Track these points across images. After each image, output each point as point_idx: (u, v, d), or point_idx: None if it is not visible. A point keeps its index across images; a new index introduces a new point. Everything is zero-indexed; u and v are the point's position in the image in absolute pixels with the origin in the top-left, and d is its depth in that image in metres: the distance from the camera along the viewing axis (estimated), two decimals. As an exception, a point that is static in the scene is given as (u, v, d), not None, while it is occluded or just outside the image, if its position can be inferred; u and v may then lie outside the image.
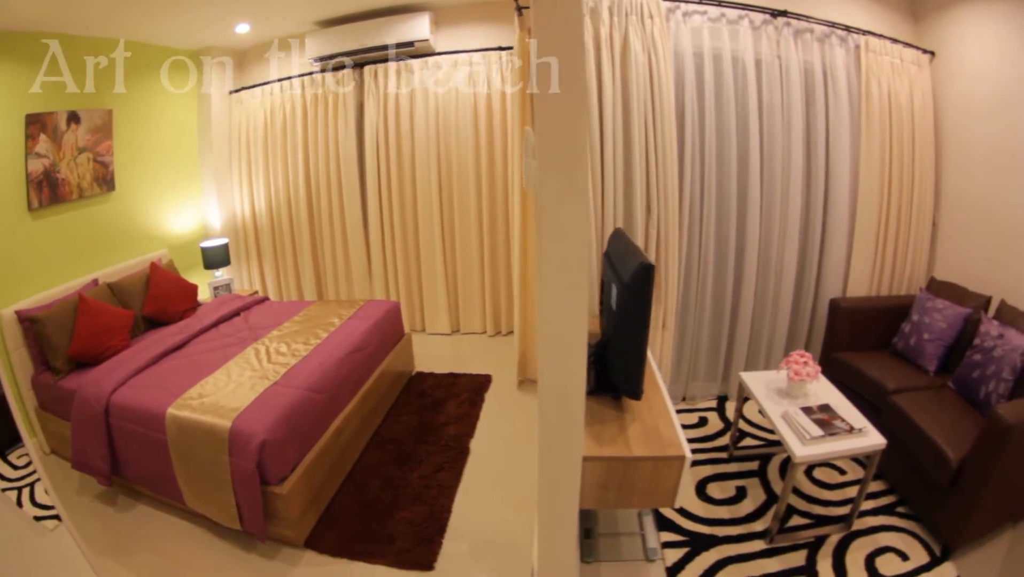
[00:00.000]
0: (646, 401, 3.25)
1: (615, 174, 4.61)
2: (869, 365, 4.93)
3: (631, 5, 4.49)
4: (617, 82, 4.54)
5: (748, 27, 4.97)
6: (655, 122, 4.61)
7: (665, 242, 4.81)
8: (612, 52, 4.49)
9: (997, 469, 3.61)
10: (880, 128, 5.43)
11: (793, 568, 3.69)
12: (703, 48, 4.92)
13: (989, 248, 5.35)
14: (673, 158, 4.69)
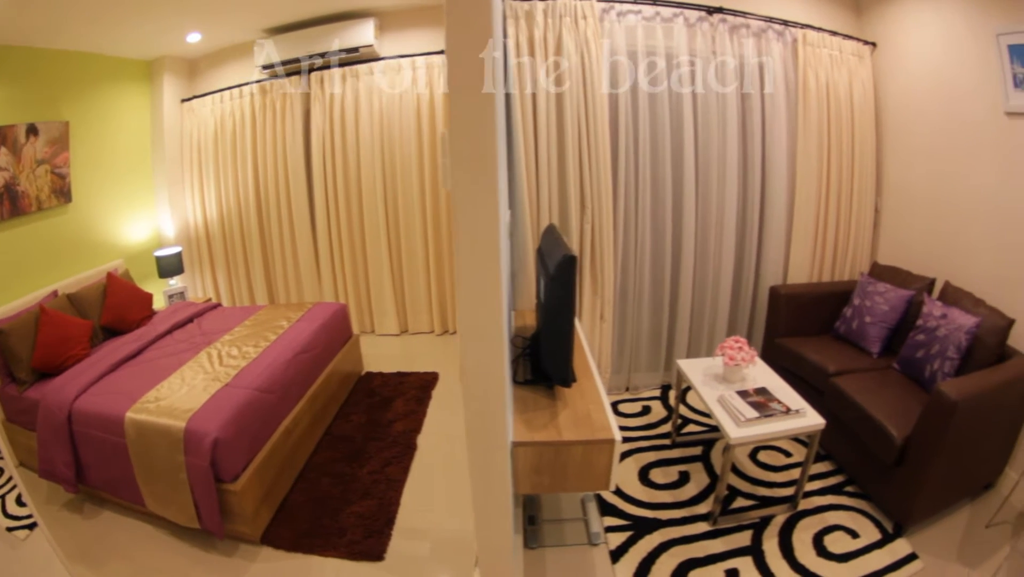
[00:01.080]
0: (579, 389, 3.39)
1: (550, 172, 4.78)
2: (810, 349, 5.11)
3: (565, 7, 4.64)
4: (551, 83, 4.70)
5: (683, 24, 5.14)
6: (588, 120, 4.78)
7: (600, 236, 4.98)
8: (546, 53, 4.66)
9: (943, 445, 3.76)
10: (818, 119, 5.64)
11: (738, 548, 3.84)
12: (637, 46, 5.07)
13: (932, 232, 5.56)
14: (606, 154, 4.86)
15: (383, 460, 4.62)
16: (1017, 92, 4.56)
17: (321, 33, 6.41)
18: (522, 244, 4.77)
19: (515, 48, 4.55)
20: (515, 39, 4.55)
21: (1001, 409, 4.28)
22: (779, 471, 4.69)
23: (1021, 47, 4.44)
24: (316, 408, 4.86)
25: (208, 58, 7.13)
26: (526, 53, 4.61)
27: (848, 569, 3.76)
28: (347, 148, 6.82)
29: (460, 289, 2.27)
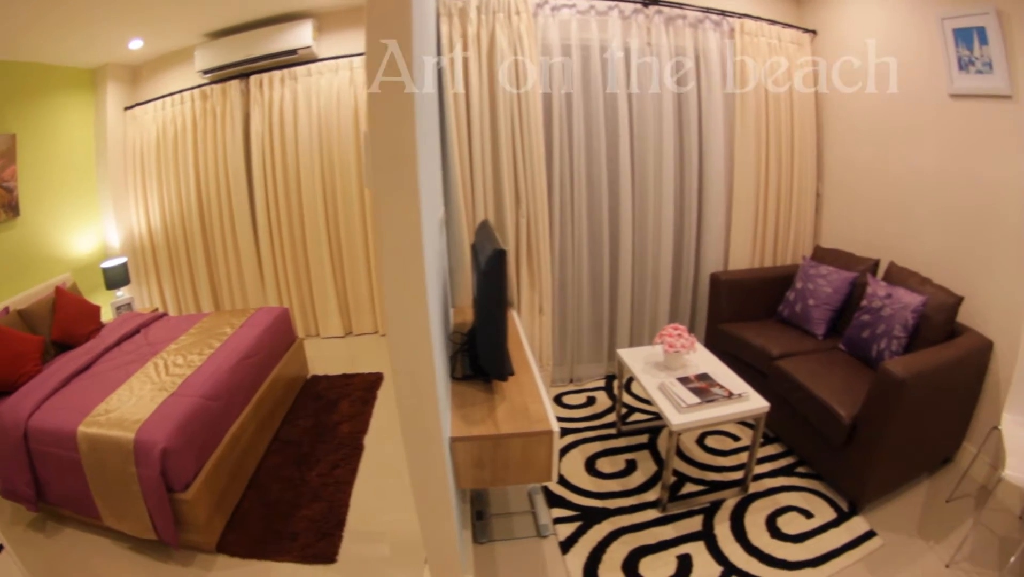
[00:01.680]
0: (517, 382, 3.43)
1: (484, 167, 4.83)
2: (754, 334, 5.22)
3: (499, 3, 4.72)
4: (484, 78, 4.79)
5: (618, 17, 5.22)
6: (521, 115, 4.84)
7: (536, 230, 5.06)
8: (480, 50, 4.73)
9: (892, 423, 3.86)
10: (755, 107, 5.76)
11: (690, 533, 3.91)
12: (571, 40, 5.16)
13: (876, 214, 5.70)
14: (540, 148, 4.93)
15: (331, 463, 4.64)
16: (961, 75, 4.69)
17: (260, 36, 6.42)
18: (458, 240, 4.81)
19: (448, 45, 4.58)
20: (448, 36, 4.58)
21: (955, 384, 4.38)
22: (727, 455, 4.77)
23: (966, 30, 4.54)
24: (262, 414, 4.87)
25: (150, 64, 7.09)
26: (459, 50, 4.63)
27: (804, 549, 3.83)
28: (286, 151, 6.82)
29: (385, 289, 2.33)
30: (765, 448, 4.91)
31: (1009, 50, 4.33)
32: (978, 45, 4.50)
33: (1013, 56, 4.32)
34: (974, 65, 4.58)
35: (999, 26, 4.31)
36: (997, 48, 4.37)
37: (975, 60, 4.56)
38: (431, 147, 3.76)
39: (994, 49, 4.39)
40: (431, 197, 3.21)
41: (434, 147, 4.04)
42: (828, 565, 3.74)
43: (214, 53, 6.53)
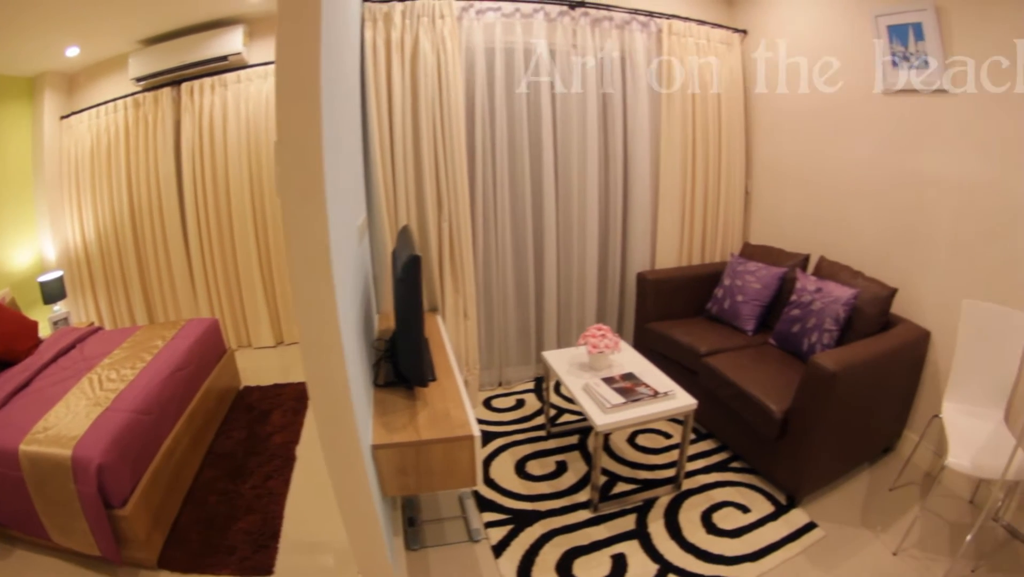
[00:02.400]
0: (439, 388, 3.49)
1: (406, 173, 4.84)
2: (682, 332, 5.31)
3: (423, 7, 4.70)
4: (407, 83, 4.78)
5: (543, 19, 5.26)
6: (443, 119, 4.86)
7: (458, 235, 5.08)
8: (403, 54, 4.73)
9: (824, 416, 3.95)
10: (682, 107, 5.85)
11: (623, 533, 3.96)
12: (495, 43, 5.23)
13: (807, 209, 5.86)
14: (462, 152, 4.94)
15: (264, 474, 4.66)
16: (895, 71, 4.81)
17: (191, 43, 6.40)
18: (382, 246, 4.83)
19: (371, 51, 4.59)
20: (372, 42, 4.59)
21: (891, 375, 4.50)
22: (659, 453, 4.86)
23: (901, 27, 4.65)
24: (196, 426, 4.87)
25: (88, 72, 7.01)
26: (383, 55, 4.64)
27: (742, 543, 3.90)
28: (216, 159, 6.80)
29: (295, 299, 2.38)
30: (698, 445, 5.00)
31: (946, 45, 4.44)
32: (913, 41, 4.60)
33: (950, 51, 4.43)
34: (909, 61, 4.68)
35: (937, 21, 4.42)
36: (934, 43, 4.48)
37: (910, 56, 4.66)
38: (351, 153, 3.78)
39: (930, 44, 4.50)
40: (347, 203, 3.23)
41: (354, 153, 4.07)
42: (768, 558, 3.80)
43: (147, 60, 6.50)
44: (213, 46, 6.39)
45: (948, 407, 4.23)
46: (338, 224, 2.57)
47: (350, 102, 3.93)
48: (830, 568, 3.81)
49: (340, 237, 2.65)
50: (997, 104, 4.22)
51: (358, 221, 3.73)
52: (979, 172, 4.40)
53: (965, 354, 4.29)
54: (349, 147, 3.68)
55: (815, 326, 4.69)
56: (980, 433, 3.99)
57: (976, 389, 4.23)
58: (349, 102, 3.85)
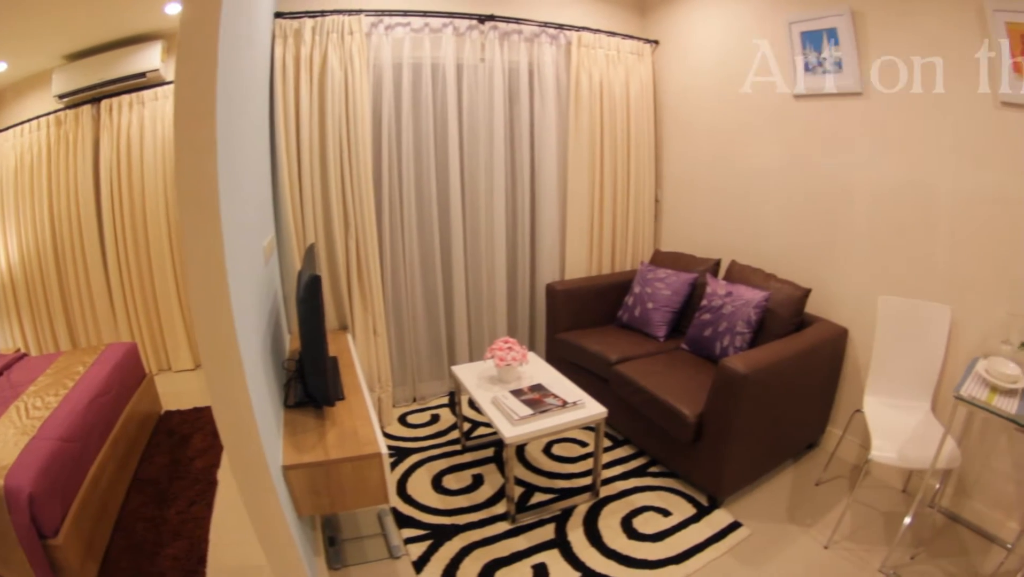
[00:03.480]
0: (347, 406, 3.57)
1: (313, 191, 4.86)
2: (592, 341, 5.39)
3: (333, 24, 4.73)
4: (315, 101, 4.82)
5: (452, 34, 5.32)
6: (350, 137, 4.90)
7: (365, 252, 5.12)
8: (312, 71, 4.77)
9: (738, 417, 4.05)
10: (589, 118, 5.96)
11: (543, 542, 4.03)
12: (403, 59, 5.29)
13: (717, 215, 6.02)
14: (368, 170, 5.00)
15: (188, 499, 4.66)
16: (807, 76, 4.97)
17: (112, 58, 6.36)
18: (291, 265, 4.84)
19: (281, 68, 4.60)
20: (282, 59, 4.61)
21: (809, 372, 4.63)
22: (575, 462, 4.95)
23: (813, 33, 4.81)
24: (120, 453, 4.86)
25: (14, 88, 6.93)
26: (292, 72, 4.67)
27: (665, 547, 3.99)
28: (132, 178, 6.76)
29: (196, 324, 2.38)
30: (615, 451, 5.12)
31: (861, 49, 4.59)
32: (828, 46, 4.74)
33: (865, 54, 4.58)
34: (822, 66, 4.83)
35: (852, 26, 4.57)
36: (848, 48, 4.62)
37: (823, 61, 4.80)
38: (257, 174, 3.82)
39: (845, 49, 4.65)
40: (250, 224, 3.26)
41: (262, 173, 4.11)
42: (693, 560, 3.89)
43: (69, 76, 6.45)
44: (132, 62, 6.36)
45: (870, 401, 4.37)
46: (237, 246, 2.62)
47: (257, 121, 3.96)
48: (759, 566, 3.90)
49: (240, 259, 2.69)
50: (909, 105, 4.40)
51: (264, 241, 3.76)
52: (891, 171, 4.57)
53: (884, 349, 4.43)
54: (255, 168, 3.70)
55: (727, 329, 4.82)
56: (906, 425, 4.11)
57: (900, 382, 4.37)
58: (256, 121, 3.89)
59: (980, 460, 4.27)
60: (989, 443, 4.21)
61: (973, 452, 4.28)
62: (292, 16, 4.66)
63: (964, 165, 4.17)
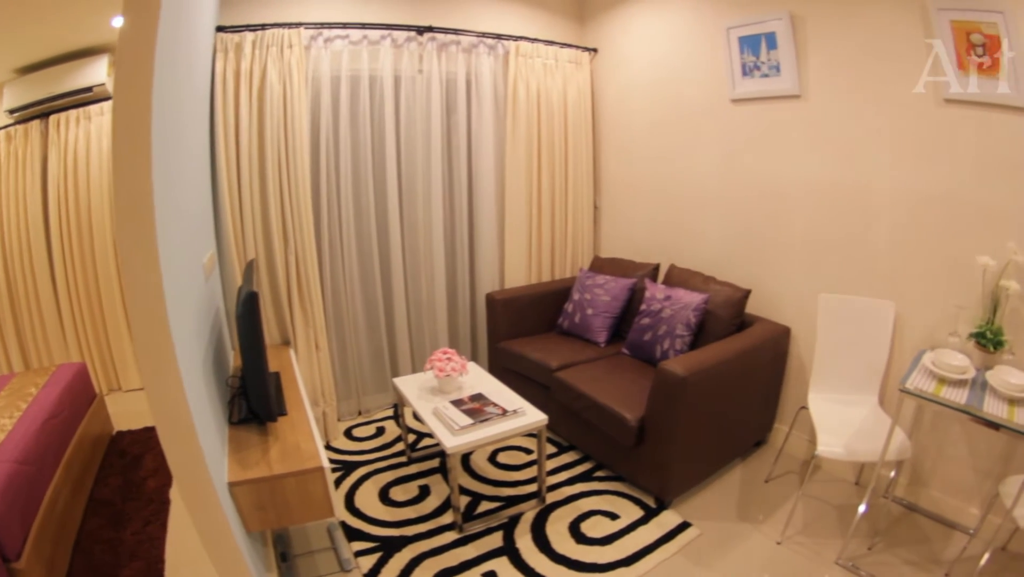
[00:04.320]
0: (290, 422, 3.61)
1: (252, 206, 4.89)
2: (533, 349, 5.49)
3: (273, 37, 4.79)
4: (254, 115, 4.85)
5: (390, 46, 5.41)
6: (288, 151, 4.99)
7: (304, 266, 5.17)
8: (251, 85, 4.79)
9: (680, 419, 4.15)
10: (527, 127, 6.08)
11: (492, 550, 4.09)
12: (341, 72, 5.34)
13: (656, 221, 6.15)
14: (306, 184, 5.05)
15: (143, 520, 4.67)
16: (744, 80, 5.10)
17: (60, 72, 6.33)
18: (233, 282, 4.86)
19: (221, 82, 4.61)
20: (222, 73, 4.66)
21: (752, 372, 4.75)
22: (521, 469, 5.06)
23: (752, 38, 4.92)
24: (74, 475, 4.86)
25: None
26: (232, 86, 4.73)
27: (614, 550, 4.07)
28: (80, 195, 6.72)
29: (135, 340, 2.38)
30: (561, 457, 5.25)
31: (800, 52, 4.71)
32: (766, 50, 4.85)
33: (804, 57, 4.70)
34: (759, 70, 4.95)
35: (791, 29, 4.68)
36: (787, 51, 4.73)
37: (761, 65, 4.92)
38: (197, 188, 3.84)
39: (783, 52, 4.76)
40: (190, 240, 3.29)
41: (202, 189, 4.14)
42: (643, 562, 3.97)
43: (20, 91, 6.42)
44: (79, 76, 6.33)
45: (814, 397, 4.48)
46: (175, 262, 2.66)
47: (197, 137, 4.01)
48: (710, 565, 3.99)
49: (178, 275, 2.72)
50: (849, 106, 4.53)
51: (204, 257, 3.83)
52: (831, 171, 4.68)
53: (826, 346, 4.53)
54: (195, 183, 3.73)
55: (666, 333, 4.92)
56: (854, 419, 4.21)
57: (846, 377, 4.48)
58: (196, 137, 3.93)
59: (934, 449, 4.38)
60: (942, 432, 4.32)
61: (926, 442, 4.40)
62: (234, 30, 4.68)
63: (906, 163, 4.29)
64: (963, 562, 3.93)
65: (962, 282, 4.07)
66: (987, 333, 3.87)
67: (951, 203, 4.11)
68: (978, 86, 3.86)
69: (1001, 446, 4.08)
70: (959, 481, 4.32)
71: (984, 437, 4.13)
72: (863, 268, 4.62)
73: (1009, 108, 3.77)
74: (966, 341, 4.02)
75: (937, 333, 4.27)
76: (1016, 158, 3.79)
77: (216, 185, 4.78)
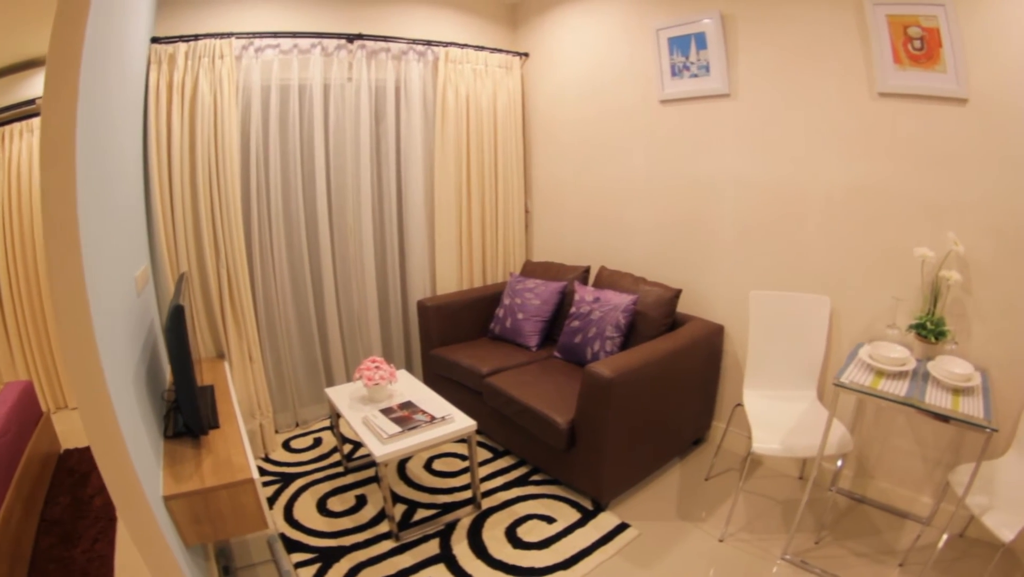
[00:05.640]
0: (222, 435, 3.69)
1: (184, 218, 4.98)
2: (465, 355, 5.60)
3: (205, 48, 4.84)
4: (185, 126, 4.87)
5: (320, 54, 5.60)
6: (219, 163, 5.04)
7: (236, 278, 5.27)
8: (183, 97, 4.81)
9: (610, 421, 4.26)
10: (456, 133, 6.22)
11: (429, 558, 4.17)
12: (272, 81, 5.44)
13: (587, 223, 6.31)
14: (236, 195, 5.17)
15: (91, 538, 4.69)
16: (673, 80, 5.25)
17: (4, 85, 6.31)
18: (167, 296, 4.90)
19: (155, 94, 4.70)
20: (156, 85, 4.71)
21: (685, 370, 4.89)
22: (456, 476, 5.19)
23: (681, 39, 5.07)
24: (25, 494, 4.84)
25: None
26: (164, 98, 4.76)
27: (552, 553, 4.18)
28: (23, 210, 6.67)
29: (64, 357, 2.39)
30: (496, 462, 5.41)
31: (731, 51, 4.85)
32: (695, 50, 5.00)
33: (735, 56, 4.84)
34: (689, 70, 5.10)
35: (722, 29, 4.82)
36: (717, 51, 4.87)
37: (690, 65, 5.07)
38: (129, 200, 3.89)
39: (713, 52, 4.90)
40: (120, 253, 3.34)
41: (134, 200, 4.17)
42: (581, 564, 4.07)
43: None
44: (23, 89, 6.32)
45: (749, 394, 4.62)
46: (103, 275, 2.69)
47: (130, 149, 4.08)
48: (650, 565, 4.08)
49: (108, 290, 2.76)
50: (781, 103, 4.70)
51: (137, 271, 3.86)
52: (762, 169, 4.83)
53: (760, 343, 4.68)
54: (126, 196, 3.81)
55: (596, 335, 5.04)
56: (791, 414, 4.34)
57: (782, 373, 4.62)
58: (129, 150, 4.00)
59: (879, 441, 4.52)
60: (886, 424, 4.46)
61: (870, 434, 4.54)
62: (168, 41, 4.72)
63: (839, 158, 4.44)
64: (918, 551, 4.05)
65: (900, 274, 4.22)
66: (927, 324, 4.02)
67: (887, 196, 4.25)
68: (915, 79, 4.00)
69: (950, 435, 4.21)
70: (908, 471, 4.45)
71: (932, 427, 4.27)
72: (798, 264, 4.77)
73: (947, 99, 3.91)
74: (906, 333, 4.18)
75: (876, 326, 4.41)
76: (955, 149, 3.94)
77: (149, 198, 4.83)
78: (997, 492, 3.51)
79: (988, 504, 3.40)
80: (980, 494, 3.48)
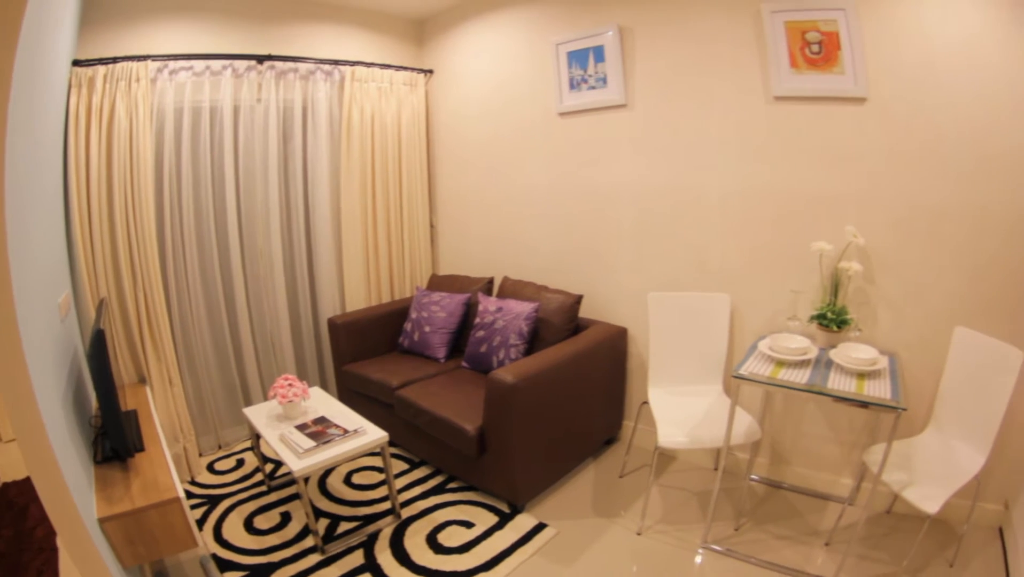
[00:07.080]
0: (148, 457, 3.81)
1: (103, 244, 5.00)
2: (375, 370, 5.90)
3: (123, 71, 4.90)
4: (103, 150, 4.90)
5: (231, 76, 5.69)
6: (134, 187, 5.09)
7: (152, 302, 5.31)
8: (101, 120, 4.85)
9: (516, 425, 4.46)
10: (361, 151, 6.44)
11: (354, 568, 4.28)
12: (184, 104, 5.48)
13: (491, 235, 6.57)
14: (151, 219, 5.20)
15: (35, 570, 4.69)
16: (571, 93, 5.50)
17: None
18: (88, 321, 4.91)
19: (74, 118, 4.72)
20: (76, 109, 4.73)
21: (590, 372, 5.15)
22: (375, 488, 5.31)
23: (580, 52, 5.32)
24: None
25: None
26: (84, 122, 4.78)
27: (472, 557, 4.33)
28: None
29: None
30: (413, 473, 5.57)
31: (628, 62, 5.10)
32: (593, 63, 5.25)
33: (631, 67, 5.09)
34: (587, 83, 5.35)
35: (619, 41, 5.06)
36: (614, 63, 5.12)
37: (588, 78, 5.32)
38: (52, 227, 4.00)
39: (610, 64, 5.14)
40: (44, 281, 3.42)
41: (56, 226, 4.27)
42: (502, 565, 4.24)
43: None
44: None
45: (655, 392, 4.87)
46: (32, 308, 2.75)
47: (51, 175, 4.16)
48: (570, 562, 4.25)
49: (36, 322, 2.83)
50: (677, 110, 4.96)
51: (59, 298, 3.87)
52: (658, 175, 5.12)
53: (661, 342, 4.96)
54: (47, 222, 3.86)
55: (501, 343, 5.30)
56: (698, 409, 4.61)
57: (687, 370, 4.90)
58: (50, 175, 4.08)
59: (791, 428, 4.83)
60: (796, 412, 4.77)
61: (781, 422, 4.85)
62: (88, 64, 4.76)
63: (736, 161, 4.74)
64: (843, 530, 4.31)
65: (800, 269, 4.53)
66: (828, 314, 4.32)
67: (786, 195, 4.56)
68: (811, 82, 4.29)
69: (864, 418, 4.52)
70: (824, 455, 4.74)
71: (844, 412, 4.57)
72: (699, 265, 5.06)
73: (845, 99, 4.21)
74: (808, 324, 4.47)
75: (778, 319, 4.71)
76: (854, 146, 4.26)
77: (69, 223, 4.86)
78: (916, 468, 3.80)
79: (908, 480, 3.66)
80: (900, 471, 3.76)
